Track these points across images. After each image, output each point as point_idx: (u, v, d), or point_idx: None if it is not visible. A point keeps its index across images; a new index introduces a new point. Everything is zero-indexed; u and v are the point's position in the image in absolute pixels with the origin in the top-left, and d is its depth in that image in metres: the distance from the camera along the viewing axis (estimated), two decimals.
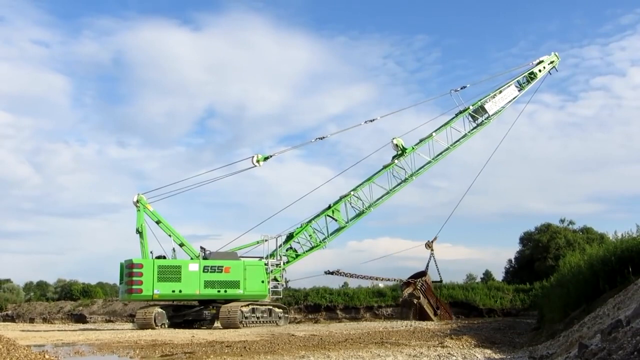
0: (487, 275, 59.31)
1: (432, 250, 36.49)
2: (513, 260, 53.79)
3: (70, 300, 56.38)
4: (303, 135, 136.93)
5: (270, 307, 33.81)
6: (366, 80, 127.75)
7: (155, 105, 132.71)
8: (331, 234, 34.42)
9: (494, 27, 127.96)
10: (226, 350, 16.12)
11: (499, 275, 55.05)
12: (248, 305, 31.53)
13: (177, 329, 29.36)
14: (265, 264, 32.96)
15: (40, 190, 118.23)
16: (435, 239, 36.82)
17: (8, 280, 71.86)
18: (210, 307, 32.43)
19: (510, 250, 75.71)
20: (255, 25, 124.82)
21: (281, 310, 34.91)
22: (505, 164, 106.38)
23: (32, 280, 77.14)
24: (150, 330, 28.69)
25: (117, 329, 32.74)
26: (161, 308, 31.49)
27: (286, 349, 16.39)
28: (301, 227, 34.12)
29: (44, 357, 12.87)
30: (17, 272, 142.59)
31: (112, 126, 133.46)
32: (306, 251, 34.10)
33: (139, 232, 31.90)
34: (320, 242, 33.94)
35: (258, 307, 32.56)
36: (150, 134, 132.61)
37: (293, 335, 22.86)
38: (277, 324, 33.31)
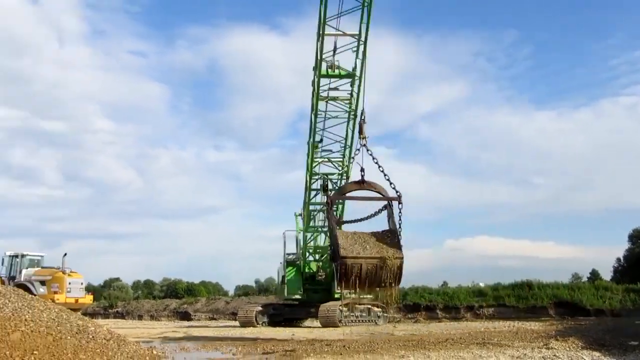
0: (594, 275, 56.96)
1: None
2: (622, 258, 51.47)
3: (175, 298, 58.34)
4: (395, 135, 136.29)
5: (369, 306, 33.73)
6: (457, 77, 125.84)
7: (248, 110, 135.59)
8: None
9: (588, 20, 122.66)
10: (326, 349, 16.18)
11: (607, 275, 52.86)
12: (347, 304, 31.55)
13: (277, 327, 29.79)
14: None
15: (142, 194, 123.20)
16: None
17: (117, 279, 75.21)
18: (310, 305, 32.67)
19: (618, 248, 72.62)
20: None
21: (380, 309, 34.77)
22: (608, 158, 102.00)
23: (140, 279, 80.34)
24: (251, 327, 29.26)
25: (220, 326, 33.57)
26: (262, 306, 32.06)
27: (385, 348, 16.28)
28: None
29: (152, 352, 13.35)
30: (125, 271, 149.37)
31: (208, 131, 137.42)
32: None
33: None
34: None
35: (357, 306, 32.54)
36: (245, 137, 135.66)
37: (392, 334, 22.71)
38: (376, 323, 33.18)
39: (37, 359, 10.62)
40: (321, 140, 28.80)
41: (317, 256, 32.44)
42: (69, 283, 32.12)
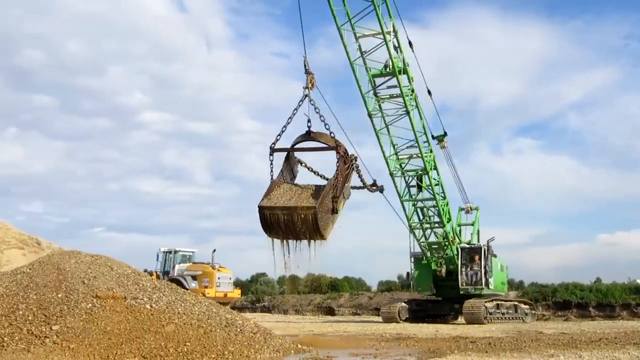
0: None
1: None
2: None
3: (320, 293, 59.25)
4: (540, 126, 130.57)
5: (516, 303, 32.72)
6: (606, 63, 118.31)
7: None
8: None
9: None
10: (470, 346, 15.80)
11: None
12: (492, 300, 30.76)
13: (420, 324, 29.51)
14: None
15: None
16: None
17: (264, 274, 77.47)
18: (454, 302, 32.13)
19: None
20: (482, 17, 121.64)
21: (528, 306, 33.65)
22: None
23: (285, 274, 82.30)
24: (394, 323, 29.17)
25: (363, 322, 33.77)
26: (405, 302, 31.90)
27: (533, 346, 15.64)
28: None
29: (297, 346, 13.59)
30: (271, 266, 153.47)
31: (349, 128, 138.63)
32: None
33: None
34: None
35: (503, 302, 31.66)
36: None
37: (541, 332, 21.85)
38: (523, 320, 32.15)
39: (189, 350, 11.11)
40: (446, 134, 29.48)
41: (434, 253, 31.87)
42: (219, 278, 33.45)
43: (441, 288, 32.02)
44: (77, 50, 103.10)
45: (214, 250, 34.27)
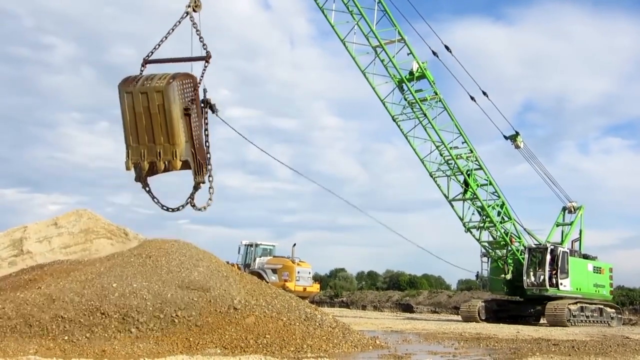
0: None
1: None
2: None
3: (398, 290, 59.01)
4: (630, 125, 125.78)
5: (601, 306, 31.67)
6: None
7: (472, 103, 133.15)
8: None
9: None
10: (553, 349, 15.43)
11: None
12: (576, 303, 29.88)
13: (501, 324, 28.99)
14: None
15: (367, 187, 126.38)
16: None
17: (342, 270, 77.74)
18: (536, 303, 31.38)
19: None
20: (571, 14, 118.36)
21: (613, 310, 32.51)
22: None
23: (364, 270, 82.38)
24: (474, 323, 28.76)
25: (442, 320, 33.44)
26: (485, 302, 31.40)
27: (619, 351, 15.14)
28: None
29: (375, 342, 13.64)
30: (349, 262, 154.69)
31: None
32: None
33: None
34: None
35: (587, 305, 30.68)
36: (470, 130, 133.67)
37: (627, 337, 21.07)
38: (608, 324, 31.09)
39: (269, 342, 11.32)
40: (518, 134, 29.48)
41: (496, 253, 31.45)
42: (298, 272, 33.81)
43: (516, 289, 31.38)
44: (166, 49, 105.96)
45: (294, 245, 34.67)
